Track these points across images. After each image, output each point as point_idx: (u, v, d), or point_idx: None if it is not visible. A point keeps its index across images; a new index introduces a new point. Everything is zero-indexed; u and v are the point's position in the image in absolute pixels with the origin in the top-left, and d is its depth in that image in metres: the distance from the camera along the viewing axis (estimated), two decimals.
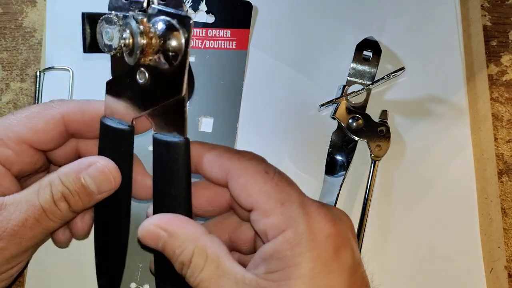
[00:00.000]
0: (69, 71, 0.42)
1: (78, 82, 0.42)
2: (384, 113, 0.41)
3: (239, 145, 0.41)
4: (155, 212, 0.28)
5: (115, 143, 0.30)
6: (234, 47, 0.43)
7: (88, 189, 0.28)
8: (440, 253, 0.39)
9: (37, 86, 0.42)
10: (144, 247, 0.27)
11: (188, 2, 0.44)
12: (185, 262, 0.25)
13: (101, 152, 0.30)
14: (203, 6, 0.44)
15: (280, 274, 0.23)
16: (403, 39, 0.44)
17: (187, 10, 0.44)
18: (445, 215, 0.40)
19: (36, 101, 0.42)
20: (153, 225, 0.26)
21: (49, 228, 0.28)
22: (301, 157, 0.41)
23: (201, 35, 0.43)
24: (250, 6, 0.44)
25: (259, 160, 0.26)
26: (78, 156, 0.32)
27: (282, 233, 0.24)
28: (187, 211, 0.28)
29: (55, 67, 0.42)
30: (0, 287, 0.29)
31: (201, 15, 0.44)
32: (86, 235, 0.33)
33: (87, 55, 0.43)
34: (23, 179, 0.32)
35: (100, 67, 0.43)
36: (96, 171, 0.28)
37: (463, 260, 0.39)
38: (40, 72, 0.42)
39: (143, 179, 0.30)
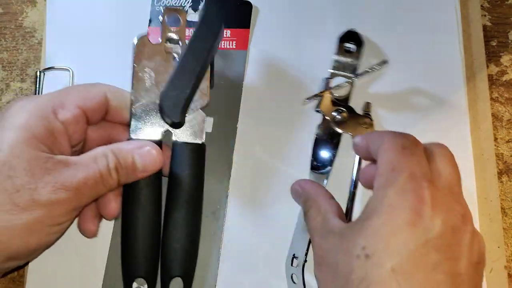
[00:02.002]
0: (69, 71, 0.42)
1: (78, 82, 0.42)
2: (367, 105, 0.41)
3: (239, 145, 0.41)
4: (171, 203, 0.36)
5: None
6: (234, 47, 0.43)
7: (135, 166, 0.33)
8: None
9: (37, 86, 0.42)
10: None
11: (188, 2, 0.44)
12: (305, 212, 0.34)
13: None
14: (202, 6, 0.44)
15: (359, 224, 0.28)
16: (403, 39, 0.44)
17: (187, 11, 0.44)
18: None
19: None
20: (295, 184, 0.37)
21: (100, 192, 0.33)
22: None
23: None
24: (250, 6, 0.44)
25: (407, 137, 0.30)
26: (109, 141, 0.36)
27: (377, 191, 0.28)
28: (199, 198, 0.37)
29: (55, 67, 0.43)
30: (51, 240, 0.33)
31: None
32: (117, 216, 0.36)
33: (87, 55, 0.43)
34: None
35: (100, 67, 0.43)
36: (145, 153, 0.34)
37: None
38: (40, 72, 0.42)
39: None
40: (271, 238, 0.39)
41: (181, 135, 0.37)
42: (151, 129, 0.36)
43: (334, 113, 0.40)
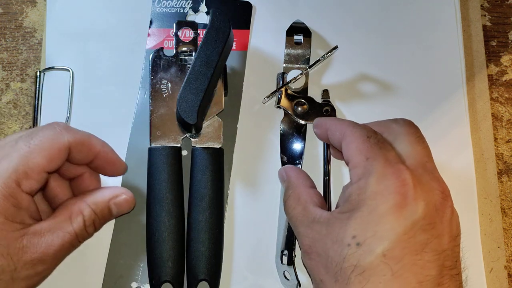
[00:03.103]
0: (69, 71, 0.42)
1: (78, 82, 0.42)
2: (325, 92, 0.42)
3: (239, 145, 0.41)
4: (194, 206, 0.37)
5: (168, 160, 0.38)
6: (234, 47, 0.43)
7: (111, 215, 0.35)
8: None
9: (37, 86, 0.42)
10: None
11: (188, 3, 0.44)
12: (284, 200, 0.34)
13: (156, 171, 0.37)
14: (203, 7, 0.44)
15: (346, 214, 0.29)
16: (403, 39, 0.44)
17: (187, 12, 0.44)
18: None
19: (36, 101, 0.41)
20: (281, 169, 0.38)
21: (75, 248, 0.33)
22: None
23: (201, 36, 0.43)
24: (250, 6, 0.45)
25: (366, 128, 0.32)
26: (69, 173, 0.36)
27: (357, 181, 0.29)
28: (221, 201, 0.38)
29: (55, 67, 0.42)
30: None
31: (201, 16, 0.44)
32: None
33: (87, 55, 0.43)
34: None
35: (100, 67, 0.43)
36: (122, 201, 0.35)
37: (462, 259, 0.39)
38: (40, 72, 0.42)
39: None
40: (271, 239, 0.39)
41: (199, 141, 0.39)
42: (171, 137, 0.38)
43: (294, 107, 0.41)
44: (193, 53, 0.40)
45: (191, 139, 0.39)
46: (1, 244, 0.29)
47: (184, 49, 0.40)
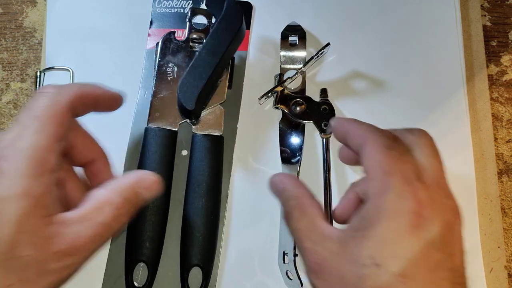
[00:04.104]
0: (69, 71, 0.42)
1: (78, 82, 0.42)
2: (323, 91, 0.42)
3: (239, 145, 0.41)
4: (191, 192, 0.37)
5: (162, 142, 0.38)
6: None
7: (143, 199, 0.32)
8: None
9: (37, 86, 0.42)
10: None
11: (188, 3, 0.44)
12: (287, 211, 0.31)
13: (149, 150, 0.37)
14: (203, 7, 0.44)
15: (361, 232, 0.28)
16: (404, 39, 0.44)
17: (187, 12, 0.44)
18: None
19: None
20: (275, 180, 0.33)
21: (107, 240, 0.31)
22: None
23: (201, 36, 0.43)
24: (250, 6, 0.44)
25: (388, 137, 0.30)
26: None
27: (373, 198, 0.28)
28: (218, 188, 0.38)
29: (55, 67, 0.42)
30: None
31: (201, 16, 0.44)
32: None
33: (87, 55, 0.43)
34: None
35: (100, 67, 0.43)
36: (150, 184, 0.32)
37: None
38: (40, 72, 0.42)
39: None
40: (271, 240, 0.39)
41: (200, 128, 0.39)
42: (169, 120, 0.39)
43: (292, 107, 0.41)
44: (204, 41, 0.40)
45: (192, 125, 0.39)
46: (28, 231, 0.27)
47: (195, 36, 0.41)
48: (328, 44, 0.42)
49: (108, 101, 0.34)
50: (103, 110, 0.34)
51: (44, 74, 0.42)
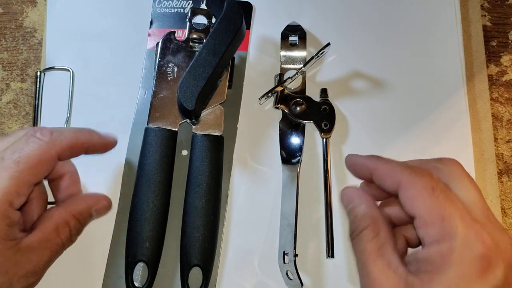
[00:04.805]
0: (69, 71, 0.42)
1: (78, 82, 0.42)
2: (324, 91, 0.42)
3: (239, 145, 0.41)
4: (192, 192, 0.37)
5: (162, 142, 0.38)
6: None
7: (92, 219, 0.35)
8: None
9: (38, 86, 0.42)
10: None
11: (188, 3, 0.44)
12: (358, 229, 0.31)
13: (149, 150, 0.38)
14: (203, 7, 0.44)
15: (427, 275, 0.28)
16: (404, 40, 0.44)
17: (187, 12, 0.44)
18: None
19: (37, 101, 0.41)
20: (350, 193, 0.32)
21: (60, 255, 0.34)
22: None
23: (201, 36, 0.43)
24: (250, 6, 0.45)
25: (427, 176, 0.30)
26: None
27: (437, 243, 0.28)
28: (218, 188, 0.38)
29: (56, 67, 0.42)
30: None
31: (202, 16, 0.44)
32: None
33: (87, 55, 0.43)
34: None
35: (100, 67, 0.43)
36: (102, 207, 0.35)
37: None
38: (40, 72, 0.42)
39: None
40: (271, 240, 0.39)
41: (200, 128, 0.39)
42: (169, 120, 0.39)
43: (293, 106, 0.41)
44: (204, 41, 0.40)
45: (192, 125, 0.39)
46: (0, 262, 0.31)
47: (195, 36, 0.41)
48: (328, 44, 0.42)
49: (100, 148, 0.36)
50: (94, 153, 0.36)
51: (44, 74, 0.42)
